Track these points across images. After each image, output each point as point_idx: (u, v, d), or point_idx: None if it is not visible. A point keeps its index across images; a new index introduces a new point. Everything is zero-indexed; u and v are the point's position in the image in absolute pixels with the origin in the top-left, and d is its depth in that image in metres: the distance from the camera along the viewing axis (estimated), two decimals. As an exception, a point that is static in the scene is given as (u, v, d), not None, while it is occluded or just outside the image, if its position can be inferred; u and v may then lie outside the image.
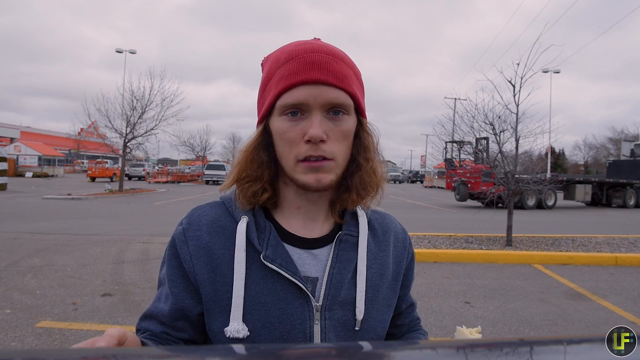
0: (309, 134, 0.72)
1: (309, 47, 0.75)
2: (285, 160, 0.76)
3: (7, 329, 3.64)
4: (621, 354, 0.47)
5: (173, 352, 0.60)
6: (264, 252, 0.76)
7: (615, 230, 10.21)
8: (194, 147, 38.79)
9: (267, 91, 0.78)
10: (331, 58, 0.75)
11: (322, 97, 0.73)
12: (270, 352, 0.56)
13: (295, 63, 0.74)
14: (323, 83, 0.73)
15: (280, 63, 0.76)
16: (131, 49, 29.91)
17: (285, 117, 0.75)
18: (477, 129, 8.75)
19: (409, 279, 0.93)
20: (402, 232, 0.93)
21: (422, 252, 6.90)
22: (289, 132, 0.74)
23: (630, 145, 23.24)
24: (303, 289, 0.76)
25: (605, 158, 49.43)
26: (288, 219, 0.82)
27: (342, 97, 0.74)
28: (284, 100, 0.74)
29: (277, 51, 0.80)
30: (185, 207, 14.28)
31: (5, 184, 19.90)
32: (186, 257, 0.78)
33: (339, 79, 0.74)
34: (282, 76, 0.74)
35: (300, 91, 0.73)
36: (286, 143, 0.75)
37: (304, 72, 0.73)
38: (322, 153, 0.73)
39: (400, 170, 62.44)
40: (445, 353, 0.54)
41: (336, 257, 0.80)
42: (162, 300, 0.81)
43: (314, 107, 0.73)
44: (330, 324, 0.77)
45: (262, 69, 0.83)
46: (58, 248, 6.93)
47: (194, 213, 0.83)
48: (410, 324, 0.98)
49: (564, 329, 4.08)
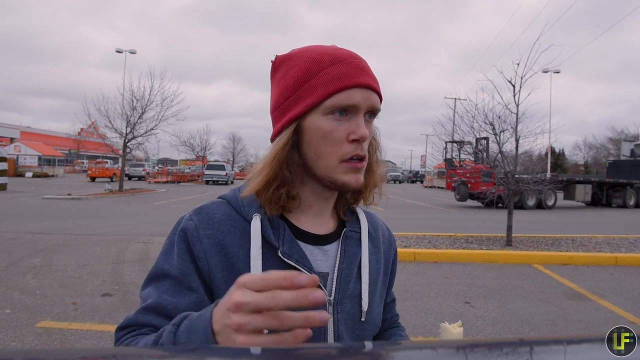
0: (359, 133, 0.75)
1: (350, 53, 0.79)
2: (325, 160, 0.77)
3: (7, 329, 3.64)
4: (621, 354, 0.47)
5: (173, 352, 0.60)
6: (282, 248, 0.77)
7: (615, 230, 10.21)
8: (194, 147, 38.85)
9: (307, 90, 0.76)
10: (369, 66, 0.80)
11: (370, 100, 0.77)
12: (270, 352, 0.56)
13: (346, 66, 0.76)
14: (371, 88, 0.77)
15: (324, 64, 0.76)
16: (131, 49, 29.93)
17: (332, 116, 0.76)
18: (477, 129, 8.76)
19: (393, 274, 0.99)
20: (387, 230, 0.98)
21: (422, 252, 6.90)
22: (335, 131, 0.76)
23: (630, 145, 23.24)
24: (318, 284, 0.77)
25: (605, 158, 49.46)
26: (299, 216, 0.83)
27: (379, 103, 0.80)
28: (336, 100, 0.75)
29: (307, 52, 0.79)
30: (186, 207, 14.28)
31: (5, 184, 19.90)
32: (200, 255, 0.77)
33: (378, 86, 0.80)
34: (334, 77, 0.75)
35: (354, 93, 0.75)
36: (330, 142, 0.76)
37: (358, 75, 0.76)
38: (365, 153, 0.78)
39: (400, 170, 62.45)
40: (445, 353, 0.54)
41: (344, 252, 0.83)
42: (171, 294, 0.75)
43: (362, 109, 0.76)
44: (342, 317, 0.81)
45: (277, 69, 0.82)
46: (58, 248, 6.93)
47: (202, 210, 0.81)
48: (391, 319, 1.02)
49: (564, 329, 4.09)
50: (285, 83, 0.79)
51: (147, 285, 0.79)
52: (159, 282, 0.77)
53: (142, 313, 0.75)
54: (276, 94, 0.81)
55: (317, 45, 0.81)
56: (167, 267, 0.77)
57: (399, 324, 1.04)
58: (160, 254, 0.81)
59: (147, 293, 0.77)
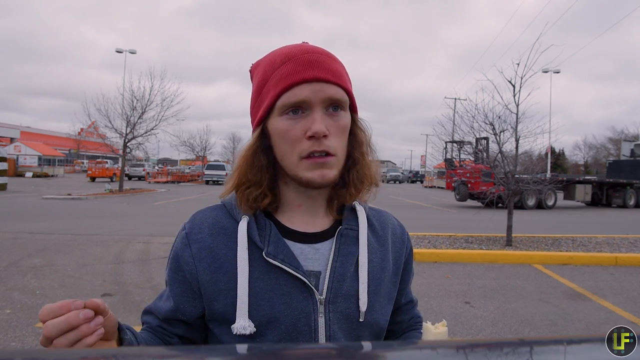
0: (312, 129, 0.73)
1: (303, 48, 0.78)
2: (288, 159, 0.77)
3: (7, 329, 3.64)
4: (621, 354, 0.47)
5: (173, 352, 0.60)
6: (266, 249, 0.77)
7: (615, 230, 10.20)
8: (194, 147, 38.81)
9: (264, 94, 0.78)
10: (326, 57, 0.78)
11: (323, 93, 0.75)
12: (270, 352, 0.56)
13: (294, 63, 0.75)
14: (323, 80, 0.75)
15: (276, 65, 0.77)
16: (131, 49, 29.93)
17: (286, 116, 0.76)
18: (477, 129, 8.76)
19: (407, 273, 0.95)
20: (399, 228, 0.95)
21: (422, 252, 6.91)
22: (290, 130, 0.75)
23: (630, 145, 23.24)
24: (307, 283, 0.77)
25: (605, 158, 49.44)
26: (289, 217, 0.84)
27: (340, 93, 0.77)
28: (285, 99, 0.75)
29: (268, 56, 0.81)
30: (185, 207, 14.30)
31: (5, 184, 19.90)
32: (189, 260, 0.80)
33: (336, 76, 0.77)
34: (282, 76, 0.75)
35: (301, 89, 0.74)
36: (288, 141, 0.76)
37: (304, 70, 0.75)
38: (326, 148, 0.75)
39: (400, 170, 62.41)
40: (445, 353, 0.54)
41: (338, 250, 0.81)
42: (163, 299, 0.84)
43: (315, 103, 0.75)
44: (334, 317, 0.79)
45: (252, 76, 0.85)
46: (58, 248, 6.93)
47: (196, 217, 0.85)
48: (410, 321, 0.99)
49: (564, 329, 4.09)
50: (253, 89, 0.83)
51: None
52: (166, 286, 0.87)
53: (143, 314, 0.88)
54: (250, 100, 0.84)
55: (286, 46, 0.81)
56: (166, 273, 0.86)
57: (420, 325, 0.98)
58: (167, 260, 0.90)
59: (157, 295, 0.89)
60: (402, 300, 0.96)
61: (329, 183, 0.77)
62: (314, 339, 0.77)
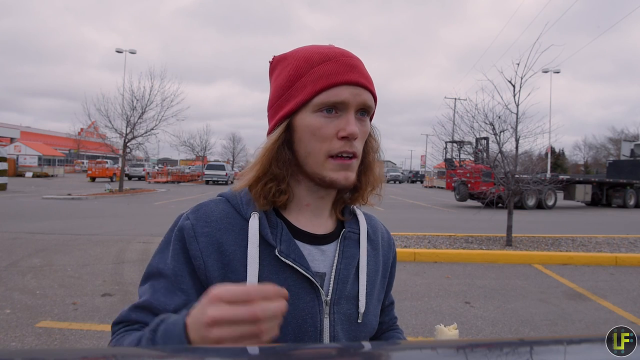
0: (347, 130, 0.75)
1: (341, 51, 0.80)
2: (314, 157, 0.77)
3: (7, 329, 3.64)
4: (621, 354, 0.47)
5: (173, 352, 0.60)
6: (279, 247, 0.77)
7: (615, 230, 10.21)
8: (194, 147, 38.79)
9: (297, 88, 0.78)
10: (362, 64, 0.80)
11: (360, 97, 0.77)
12: (270, 352, 0.56)
13: (335, 64, 0.77)
14: (361, 85, 0.77)
15: (313, 62, 0.78)
16: (131, 49, 29.91)
17: (321, 113, 0.76)
18: (477, 129, 8.77)
19: (392, 276, 0.99)
20: (386, 232, 0.98)
21: (422, 252, 6.90)
22: (324, 127, 0.76)
23: (630, 145, 23.22)
24: (314, 284, 0.78)
25: (605, 158, 49.40)
26: (296, 215, 0.83)
27: (371, 101, 0.79)
28: (324, 97, 0.76)
29: (301, 51, 0.81)
30: (186, 207, 14.14)
31: (5, 184, 19.89)
32: (197, 254, 0.76)
33: (371, 84, 0.80)
34: (322, 75, 0.76)
35: (343, 90, 0.76)
36: (319, 138, 0.76)
37: (346, 73, 0.76)
38: (355, 150, 0.77)
39: (400, 170, 62.37)
40: (445, 353, 0.54)
41: (342, 253, 0.83)
42: (163, 293, 0.77)
43: (351, 106, 0.77)
44: (338, 318, 0.80)
45: (274, 69, 0.84)
46: (58, 248, 6.93)
47: (200, 209, 0.81)
48: (389, 322, 1.02)
49: (564, 329, 4.09)
50: (280, 82, 0.81)
51: (144, 282, 0.82)
52: (155, 281, 0.79)
53: (134, 310, 0.79)
54: (272, 92, 0.83)
55: (314, 45, 0.82)
56: (162, 266, 0.79)
57: (397, 326, 1.03)
58: (156, 252, 0.82)
59: (143, 290, 0.80)
60: (386, 302, 0.99)
61: (350, 185, 0.79)
62: (320, 339, 0.78)
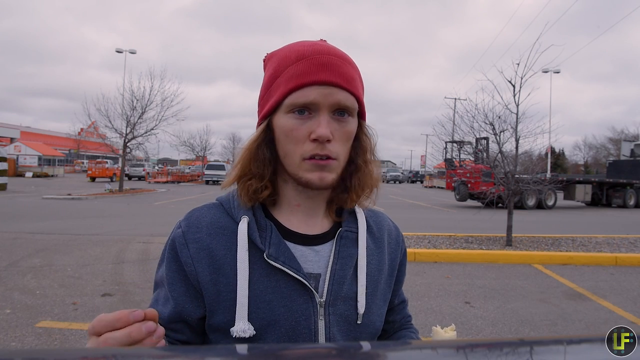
0: (316, 133, 0.73)
1: (319, 48, 0.76)
2: (290, 158, 0.77)
3: (7, 329, 3.64)
4: (621, 354, 0.47)
5: (173, 352, 0.60)
6: (267, 251, 0.76)
7: (615, 230, 10.20)
8: (194, 147, 38.79)
9: (274, 88, 0.78)
10: (340, 61, 0.76)
11: (332, 98, 0.74)
12: (270, 352, 0.56)
13: (307, 63, 0.75)
14: (333, 85, 0.74)
15: (289, 62, 0.76)
16: (131, 49, 29.91)
17: (292, 115, 0.75)
18: (477, 129, 8.75)
19: (401, 274, 0.96)
20: (395, 229, 0.95)
21: (422, 252, 6.91)
22: (295, 130, 0.75)
23: (630, 145, 23.23)
24: (307, 286, 0.77)
25: (605, 158, 49.42)
26: (288, 216, 0.83)
27: (349, 100, 0.76)
28: (293, 98, 0.75)
29: (284, 49, 0.80)
30: (186, 207, 14.27)
31: (5, 184, 19.89)
32: (187, 260, 0.78)
33: (347, 82, 0.76)
34: (293, 75, 0.75)
35: (311, 91, 0.74)
36: (292, 141, 0.76)
37: (316, 72, 0.74)
38: (328, 152, 0.74)
39: (400, 170, 62.31)
40: (445, 353, 0.54)
41: (338, 253, 0.81)
42: (161, 302, 0.81)
43: (323, 107, 0.74)
44: (334, 319, 0.79)
45: (265, 66, 0.84)
46: (58, 248, 6.93)
47: (192, 215, 0.82)
48: (401, 321, 1.00)
49: (564, 329, 4.08)
50: (264, 80, 0.82)
51: (154, 290, 0.86)
52: (158, 289, 0.83)
53: None
54: (260, 91, 0.83)
55: (302, 41, 0.80)
56: (158, 275, 0.83)
57: (410, 325, 1.01)
58: (159, 261, 0.85)
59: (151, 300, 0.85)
60: (396, 301, 0.97)
61: (327, 186, 0.77)
62: (314, 341, 0.77)
